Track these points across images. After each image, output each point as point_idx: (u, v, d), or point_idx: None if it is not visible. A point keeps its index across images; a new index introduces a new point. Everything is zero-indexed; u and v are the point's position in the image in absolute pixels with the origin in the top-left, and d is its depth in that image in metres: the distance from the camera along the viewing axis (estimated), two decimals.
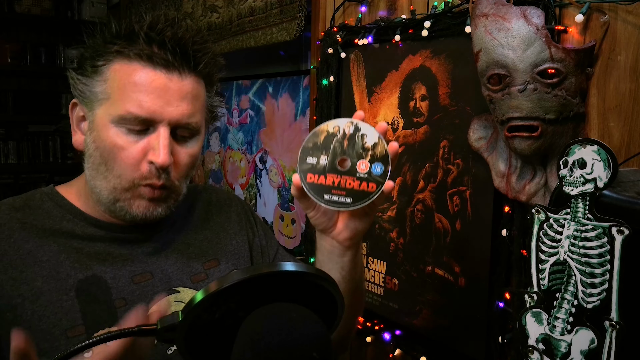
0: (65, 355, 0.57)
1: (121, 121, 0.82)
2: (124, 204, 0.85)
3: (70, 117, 0.88)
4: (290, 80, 1.98)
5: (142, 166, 0.83)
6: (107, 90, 0.83)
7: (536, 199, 1.02)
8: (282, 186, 2.05)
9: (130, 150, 0.83)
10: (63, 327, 0.81)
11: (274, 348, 0.54)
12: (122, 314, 0.84)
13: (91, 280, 0.86)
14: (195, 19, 2.34)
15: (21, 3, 3.80)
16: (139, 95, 0.81)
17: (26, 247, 0.84)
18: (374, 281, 1.48)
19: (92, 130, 0.85)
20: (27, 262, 0.83)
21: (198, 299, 0.57)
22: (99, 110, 0.84)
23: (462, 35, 1.16)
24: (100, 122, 0.84)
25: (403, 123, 1.36)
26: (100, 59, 0.84)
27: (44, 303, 0.82)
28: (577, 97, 0.96)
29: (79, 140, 0.88)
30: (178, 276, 0.93)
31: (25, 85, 4.00)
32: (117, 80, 0.83)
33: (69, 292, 0.83)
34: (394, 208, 1.40)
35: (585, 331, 0.82)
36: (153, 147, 0.83)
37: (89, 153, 0.86)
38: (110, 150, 0.83)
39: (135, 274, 0.89)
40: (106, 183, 0.85)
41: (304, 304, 0.59)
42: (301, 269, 0.59)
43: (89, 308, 0.84)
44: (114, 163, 0.83)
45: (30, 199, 0.91)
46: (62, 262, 0.85)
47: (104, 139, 0.83)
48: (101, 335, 0.59)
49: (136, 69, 0.82)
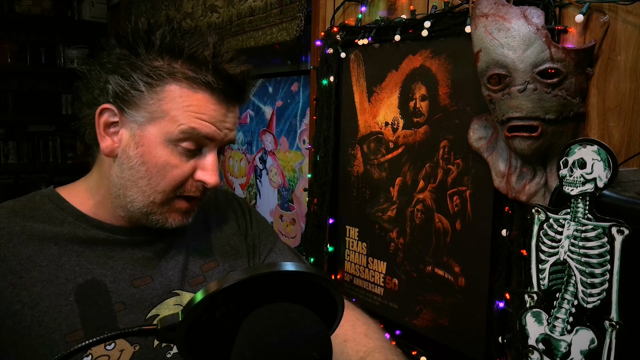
0: (66, 355, 0.57)
1: (178, 139, 0.83)
2: (160, 217, 0.88)
3: (97, 121, 0.85)
4: (290, 80, 1.98)
5: (188, 183, 0.87)
6: (163, 109, 0.83)
7: (536, 199, 1.02)
8: (282, 186, 2.05)
9: (182, 169, 0.85)
10: (62, 332, 0.81)
11: (274, 348, 0.54)
12: (122, 318, 0.85)
13: (91, 284, 0.86)
14: (195, 19, 2.34)
15: (21, 3, 3.80)
16: (201, 116, 0.84)
17: (26, 252, 0.84)
18: (374, 281, 1.48)
19: (140, 145, 0.84)
20: (26, 267, 0.83)
21: (198, 299, 0.57)
22: (152, 128, 0.84)
23: (462, 35, 1.16)
24: (152, 139, 0.84)
25: (403, 123, 1.36)
26: (157, 79, 0.83)
27: (43, 309, 0.81)
28: (577, 97, 0.96)
29: (109, 147, 0.86)
30: (177, 279, 0.93)
31: (25, 85, 4.00)
32: (177, 102, 0.83)
33: (68, 296, 0.83)
34: (394, 208, 1.40)
35: (585, 331, 0.82)
36: (203, 167, 0.87)
37: (128, 165, 0.85)
38: (162, 167, 0.84)
39: (135, 277, 0.90)
40: (142, 196, 0.85)
41: (304, 304, 0.59)
42: (301, 269, 0.59)
43: (88, 313, 0.84)
44: (161, 179, 0.85)
45: (30, 201, 0.90)
46: (62, 266, 0.85)
47: (155, 156, 0.84)
48: (101, 336, 0.59)
49: (201, 98, 0.84)
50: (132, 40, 0.85)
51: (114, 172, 0.87)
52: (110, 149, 0.86)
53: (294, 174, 1.98)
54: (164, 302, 0.91)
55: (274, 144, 2.10)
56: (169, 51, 0.84)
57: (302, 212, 1.89)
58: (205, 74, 0.83)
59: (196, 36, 0.86)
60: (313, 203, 1.60)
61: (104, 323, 0.84)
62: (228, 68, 0.85)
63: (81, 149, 4.24)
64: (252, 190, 2.24)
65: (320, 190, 1.57)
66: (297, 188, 1.98)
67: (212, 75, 0.84)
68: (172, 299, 0.91)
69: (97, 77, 0.87)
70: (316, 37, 1.61)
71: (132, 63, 0.84)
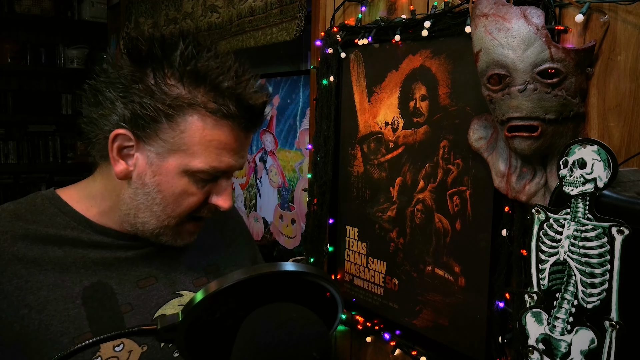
0: (66, 354, 0.57)
1: (197, 173, 0.83)
2: (169, 238, 0.88)
3: (110, 146, 0.82)
4: (290, 80, 1.98)
5: (203, 209, 0.87)
6: (184, 142, 0.81)
7: (536, 199, 1.02)
8: (282, 186, 2.05)
9: (198, 197, 0.85)
10: (71, 336, 0.81)
11: (274, 348, 0.54)
12: (129, 319, 0.86)
13: (97, 286, 0.86)
14: (195, 19, 2.34)
15: (21, 3, 3.80)
16: (222, 152, 0.83)
17: (30, 255, 0.83)
18: (374, 281, 1.48)
19: (157, 174, 0.83)
20: (31, 271, 0.82)
21: (198, 299, 0.57)
22: (171, 159, 0.82)
23: (462, 35, 1.16)
24: (171, 170, 0.83)
25: (403, 123, 1.36)
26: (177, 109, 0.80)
27: (50, 312, 0.81)
28: (577, 97, 0.96)
29: (124, 172, 0.84)
30: (181, 280, 0.94)
31: (25, 85, 4.00)
32: (198, 135, 0.81)
33: (75, 299, 0.83)
34: (394, 208, 1.40)
35: (585, 331, 0.82)
36: (218, 193, 0.87)
37: (143, 190, 0.84)
38: (179, 196, 0.84)
39: (140, 278, 0.90)
40: (156, 220, 0.86)
41: (304, 304, 0.59)
42: (301, 269, 0.59)
43: (95, 315, 0.84)
44: (177, 207, 0.85)
45: (31, 204, 0.89)
46: (67, 269, 0.84)
47: (173, 186, 0.83)
48: (102, 336, 0.59)
49: (222, 131, 0.82)
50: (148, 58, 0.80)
51: (127, 193, 0.86)
52: (124, 173, 0.84)
53: (294, 174, 1.98)
54: (169, 303, 0.91)
55: (274, 144, 2.10)
56: (190, 77, 0.80)
57: (302, 212, 1.89)
58: (228, 105, 0.81)
59: (215, 59, 0.82)
60: (313, 203, 1.60)
61: (111, 325, 0.84)
62: (250, 98, 0.83)
63: (81, 149, 4.25)
64: (252, 190, 2.24)
65: (320, 190, 1.57)
66: (297, 188, 1.98)
67: (234, 106, 0.81)
68: (177, 299, 0.92)
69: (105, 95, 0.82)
70: (316, 37, 1.61)
71: (148, 88, 0.79)
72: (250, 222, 2.26)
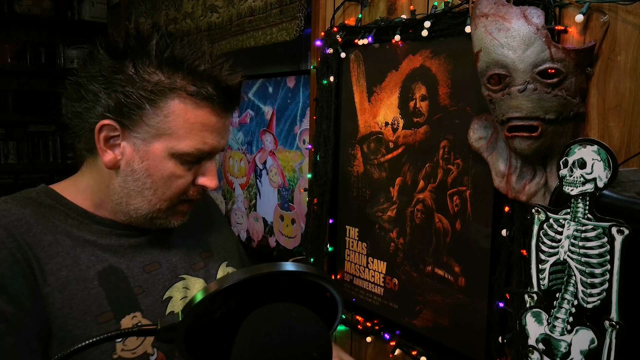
0: (66, 354, 0.57)
1: (183, 155, 0.87)
2: (163, 221, 0.92)
3: (97, 136, 0.86)
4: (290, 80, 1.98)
5: (191, 190, 0.91)
6: (168, 126, 0.85)
7: (536, 199, 1.02)
8: (282, 186, 2.05)
9: (186, 178, 0.89)
10: (93, 314, 0.85)
11: (274, 348, 0.54)
12: (142, 300, 0.90)
13: (109, 270, 0.89)
14: (195, 19, 2.34)
15: (21, 3, 3.80)
16: (205, 134, 0.87)
17: (46, 240, 0.86)
18: (374, 281, 1.48)
19: (145, 159, 0.86)
20: (49, 253, 0.85)
21: (198, 299, 0.57)
22: (157, 144, 0.86)
23: (462, 35, 1.16)
24: (158, 154, 0.86)
25: (403, 123, 1.37)
26: (158, 93, 0.84)
27: (72, 292, 0.84)
28: (577, 97, 0.96)
29: (112, 161, 0.87)
30: (182, 265, 0.99)
31: (25, 85, 4.00)
32: (181, 118, 0.85)
33: (92, 281, 0.87)
34: (394, 208, 1.40)
35: (585, 331, 0.82)
36: (204, 173, 0.91)
37: (133, 177, 0.87)
38: (168, 178, 0.88)
39: (145, 263, 0.94)
40: (148, 205, 0.89)
41: (304, 304, 0.59)
42: (301, 269, 0.59)
43: (113, 295, 0.88)
44: (167, 189, 0.88)
45: (27, 197, 0.90)
46: (78, 256, 0.87)
47: (161, 169, 0.87)
48: (102, 336, 0.59)
49: (203, 112, 0.86)
50: (125, 51, 0.84)
51: (116, 182, 0.89)
52: (112, 162, 0.87)
53: (294, 174, 1.98)
54: (174, 286, 0.95)
55: (274, 144, 2.10)
56: (168, 64, 0.84)
57: (302, 212, 1.89)
58: (206, 87, 0.85)
59: (189, 45, 0.86)
60: (313, 203, 1.60)
61: (128, 305, 0.88)
62: (227, 79, 0.87)
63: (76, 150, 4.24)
64: (252, 190, 2.24)
65: (320, 190, 1.57)
66: (297, 188, 1.98)
67: (212, 88, 0.86)
68: (180, 282, 0.96)
69: (87, 89, 0.86)
70: (316, 37, 1.61)
71: (129, 77, 0.83)
72: (250, 222, 2.26)
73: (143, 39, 0.85)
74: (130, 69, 0.83)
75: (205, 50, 0.87)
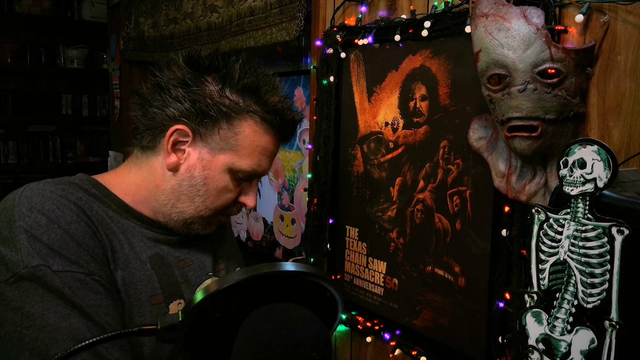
0: (66, 355, 0.57)
1: (239, 172, 0.94)
2: (198, 227, 0.97)
3: (167, 138, 0.91)
4: (290, 80, 1.98)
5: (234, 205, 0.99)
6: (236, 143, 0.92)
7: (536, 199, 1.02)
8: (282, 186, 2.05)
9: (233, 193, 0.97)
10: (148, 294, 0.90)
11: (274, 348, 0.54)
12: (184, 289, 0.96)
13: (157, 257, 0.94)
14: (195, 19, 2.34)
15: (21, 3, 3.80)
16: (262, 158, 0.95)
17: (105, 221, 0.89)
18: (374, 281, 1.48)
19: (206, 169, 0.93)
20: (112, 230, 0.89)
21: (198, 299, 0.57)
22: (222, 156, 0.93)
23: (462, 35, 1.16)
24: (219, 166, 0.93)
25: (403, 123, 1.37)
26: (235, 112, 0.91)
27: (131, 270, 0.89)
28: (577, 97, 0.96)
29: (174, 163, 0.93)
30: (208, 264, 1.04)
31: (25, 85, 4.00)
32: (249, 139, 0.93)
33: (145, 263, 0.91)
34: (394, 208, 1.40)
35: (585, 331, 0.82)
36: (247, 193, 0.99)
37: (190, 182, 0.93)
38: (220, 190, 0.94)
39: (180, 259, 0.99)
40: (194, 210, 0.95)
41: (304, 304, 0.59)
42: (301, 269, 0.59)
43: (163, 280, 0.93)
44: (216, 200, 0.95)
45: (72, 182, 0.92)
46: (131, 239, 0.92)
47: (217, 180, 0.94)
48: (102, 336, 0.59)
49: (268, 137, 0.95)
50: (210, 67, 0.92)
51: (170, 184, 0.94)
52: (174, 165, 0.93)
53: (294, 174, 1.98)
54: (204, 282, 1.01)
55: None
56: (248, 89, 0.92)
57: (302, 212, 1.89)
58: (276, 117, 0.94)
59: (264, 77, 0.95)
60: (313, 203, 1.60)
61: (174, 291, 0.94)
62: (293, 115, 0.98)
63: (81, 149, 4.25)
64: None
65: (320, 190, 1.57)
66: (297, 188, 1.98)
67: (280, 119, 0.95)
68: (210, 279, 1.02)
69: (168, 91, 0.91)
70: (316, 37, 1.61)
71: (212, 91, 0.91)
72: (250, 222, 2.26)
73: (227, 61, 0.93)
74: (214, 84, 0.91)
75: (277, 85, 0.96)
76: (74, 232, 0.82)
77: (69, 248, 0.81)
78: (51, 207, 0.83)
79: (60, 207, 0.83)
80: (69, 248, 0.81)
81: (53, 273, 0.78)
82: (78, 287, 0.79)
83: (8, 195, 0.86)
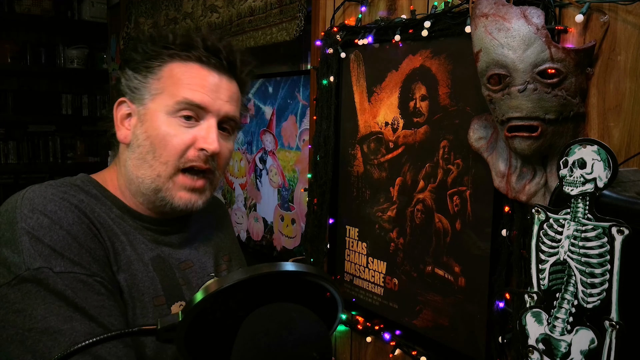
0: (66, 355, 0.57)
1: (175, 110, 0.91)
2: (166, 194, 0.93)
3: (115, 115, 0.96)
4: (290, 80, 1.98)
5: (190, 152, 0.92)
6: (161, 86, 0.93)
7: (536, 199, 1.02)
8: (282, 186, 2.05)
9: (182, 137, 0.91)
10: (150, 296, 0.90)
11: (274, 348, 0.54)
12: (185, 292, 0.96)
13: (159, 259, 0.94)
14: (195, 19, 2.34)
15: (21, 3, 3.80)
16: (194, 86, 0.92)
17: (107, 223, 0.90)
18: (374, 281, 1.48)
19: (143, 122, 0.93)
20: (114, 232, 0.89)
21: (198, 299, 0.57)
22: (152, 104, 0.93)
23: (462, 35, 1.16)
24: (152, 114, 0.92)
25: (403, 123, 1.36)
26: (155, 61, 0.94)
27: (133, 272, 0.89)
28: (577, 97, 0.96)
29: (124, 134, 0.95)
30: (210, 265, 1.05)
31: (25, 85, 4.00)
32: (172, 76, 0.93)
33: (148, 265, 0.91)
34: (394, 208, 1.40)
35: (585, 331, 0.82)
36: (203, 136, 0.92)
37: (137, 144, 0.93)
38: (163, 137, 0.91)
39: (181, 261, 1.00)
40: (151, 171, 0.92)
41: (304, 304, 0.59)
42: (301, 269, 0.59)
43: (165, 282, 0.93)
44: (164, 150, 0.91)
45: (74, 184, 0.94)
46: (133, 240, 0.92)
47: (156, 128, 0.91)
48: (102, 336, 0.59)
49: (192, 67, 0.94)
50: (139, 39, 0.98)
51: (127, 156, 0.94)
52: (124, 136, 0.95)
53: (294, 174, 1.98)
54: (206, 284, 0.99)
55: (274, 144, 2.10)
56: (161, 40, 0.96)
57: (302, 212, 1.89)
58: (196, 50, 0.94)
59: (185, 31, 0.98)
60: (313, 203, 1.60)
61: (176, 293, 0.94)
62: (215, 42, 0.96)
63: (81, 149, 4.25)
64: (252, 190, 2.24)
65: (320, 190, 1.57)
66: (297, 188, 1.98)
67: (202, 50, 0.94)
68: (211, 280, 1.00)
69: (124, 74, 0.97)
70: (316, 37, 1.61)
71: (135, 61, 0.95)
72: (250, 222, 2.26)
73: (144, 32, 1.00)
74: (135, 55, 0.95)
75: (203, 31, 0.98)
76: (76, 233, 0.82)
77: (71, 249, 0.81)
78: (53, 209, 0.83)
79: (62, 208, 0.84)
80: (71, 249, 0.81)
81: (55, 275, 0.77)
82: (80, 289, 0.79)
83: (10, 197, 0.87)
